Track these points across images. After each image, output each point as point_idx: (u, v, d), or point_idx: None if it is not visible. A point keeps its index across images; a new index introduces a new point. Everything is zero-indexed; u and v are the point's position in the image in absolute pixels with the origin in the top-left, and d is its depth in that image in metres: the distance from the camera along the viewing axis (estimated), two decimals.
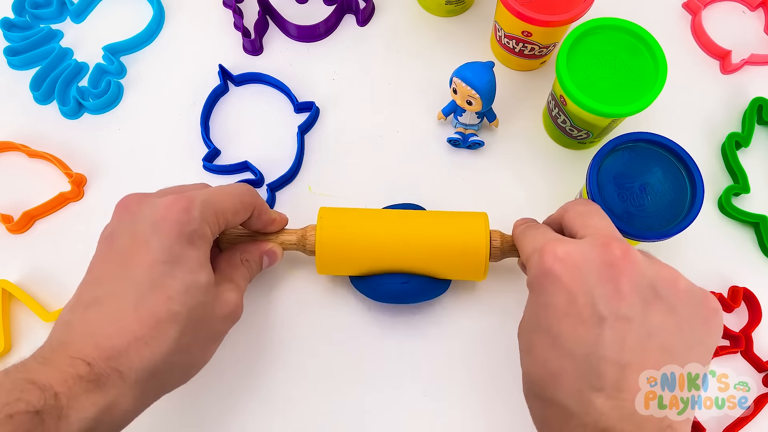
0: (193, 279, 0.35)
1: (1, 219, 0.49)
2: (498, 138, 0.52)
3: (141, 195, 0.38)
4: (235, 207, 0.39)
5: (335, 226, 0.43)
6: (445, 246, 0.42)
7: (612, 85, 0.44)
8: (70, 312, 0.34)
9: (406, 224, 0.43)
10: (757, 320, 0.46)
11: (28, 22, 0.56)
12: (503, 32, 0.50)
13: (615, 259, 0.32)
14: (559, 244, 0.33)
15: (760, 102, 0.52)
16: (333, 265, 0.44)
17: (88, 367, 0.31)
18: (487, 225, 0.43)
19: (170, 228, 0.35)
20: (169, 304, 0.34)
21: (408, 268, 0.43)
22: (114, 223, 0.37)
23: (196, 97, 0.53)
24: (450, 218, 0.44)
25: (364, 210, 0.45)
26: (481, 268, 0.42)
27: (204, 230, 0.36)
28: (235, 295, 0.39)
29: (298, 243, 0.44)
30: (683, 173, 0.42)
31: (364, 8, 0.55)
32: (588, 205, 0.38)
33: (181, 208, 0.35)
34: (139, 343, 0.32)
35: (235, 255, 0.41)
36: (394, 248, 0.42)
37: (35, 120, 0.53)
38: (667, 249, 0.48)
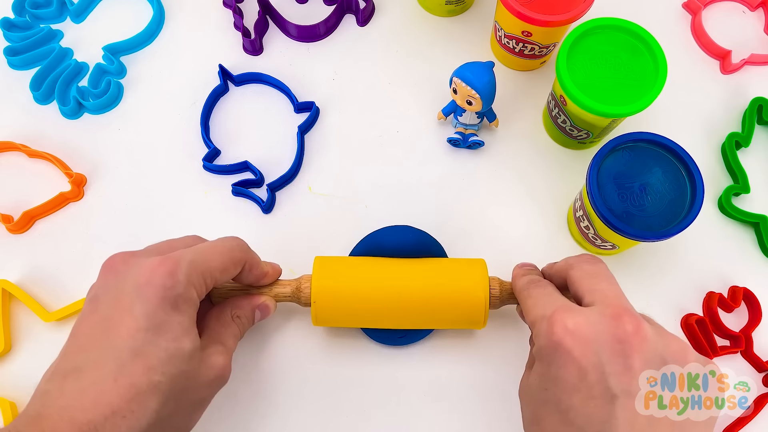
0: (177, 347, 0.33)
1: (1, 219, 0.49)
2: (498, 138, 0.52)
3: (127, 254, 0.37)
4: (224, 265, 0.37)
5: (331, 277, 0.42)
6: (444, 298, 0.41)
7: (612, 85, 0.44)
8: (49, 381, 0.33)
9: (404, 275, 0.42)
10: (757, 320, 0.46)
11: (28, 22, 0.56)
12: (503, 32, 0.50)
13: (627, 335, 0.31)
14: (568, 315, 0.33)
15: (760, 102, 0.52)
16: (329, 317, 0.42)
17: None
18: (486, 273, 0.42)
19: (154, 293, 0.33)
20: (150, 375, 0.32)
21: (406, 320, 0.43)
22: (99, 284, 0.36)
23: (196, 97, 0.53)
24: (448, 267, 0.43)
25: (361, 259, 0.44)
26: (481, 317, 0.42)
27: (190, 294, 0.35)
28: (223, 358, 0.37)
29: (292, 295, 0.42)
30: (683, 173, 0.42)
31: (364, 8, 0.55)
32: (595, 264, 0.37)
33: (165, 272, 0.34)
34: (117, 417, 0.31)
35: (225, 311, 0.40)
36: (391, 301, 0.42)
37: (35, 120, 0.53)
38: (667, 249, 0.48)
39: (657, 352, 0.31)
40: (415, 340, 0.46)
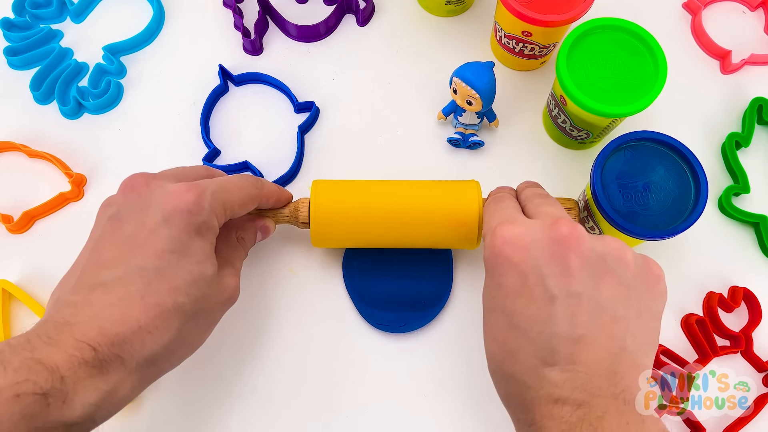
0: (200, 271, 0.35)
1: (1, 219, 0.49)
2: (498, 138, 0.52)
3: (149, 176, 0.38)
4: (242, 200, 0.40)
5: (328, 197, 0.43)
6: (438, 215, 0.43)
7: (612, 85, 0.44)
8: (74, 292, 0.34)
9: (400, 194, 0.44)
10: (757, 320, 0.46)
11: (28, 22, 0.56)
12: (503, 32, 0.50)
13: (562, 237, 0.32)
14: (509, 225, 0.34)
15: (760, 102, 0.52)
16: (326, 236, 0.44)
17: (93, 352, 0.31)
18: (480, 193, 0.43)
19: (180, 218, 0.35)
20: (175, 296, 0.34)
21: (401, 237, 0.44)
22: (119, 203, 0.37)
23: (196, 97, 0.53)
24: (443, 187, 0.44)
25: (357, 181, 0.45)
26: (474, 235, 0.43)
27: (212, 221, 0.37)
28: (234, 280, 0.39)
29: (290, 215, 0.44)
30: (686, 170, 0.42)
31: (364, 8, 0.55)
32: (546, 197, 0.39)
33: (192, 199, 0.36)
34: (143, 332, 0.33)
35: (231, 234, 0.41)
36: (387, 218, 0.43)
37: (35, 120, 0.53)
38: (667, 249, 0.48)
39: (595, 252, 0.32)
40: (416, 327, 0.46)
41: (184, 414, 0.45)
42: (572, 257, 0.32)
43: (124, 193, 0.37)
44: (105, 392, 0.31)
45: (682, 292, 0.48)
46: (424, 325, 0.46)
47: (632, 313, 0.32)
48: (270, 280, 0.48)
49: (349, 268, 0.48)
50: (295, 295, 0.48)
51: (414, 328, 0.46)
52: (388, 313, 0.46)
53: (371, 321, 0.46)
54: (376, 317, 0.46)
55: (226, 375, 0.46)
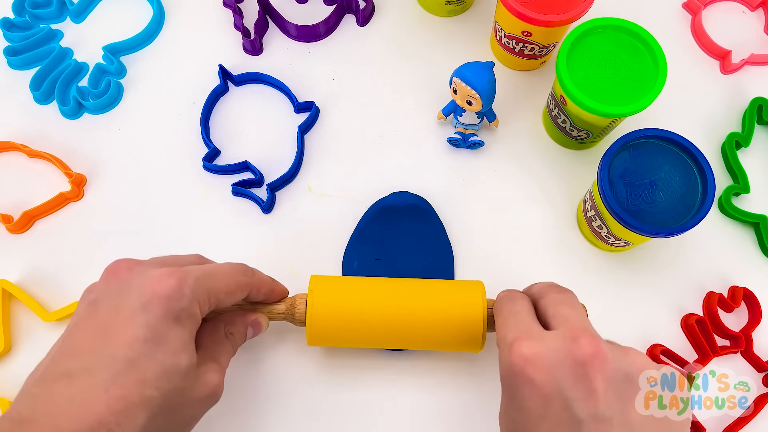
0: (174, 362, 0.33)
1: (1, 219, 0.49)
2: (498, 138, 0.52)
3: (132, 262, 0.36)
4: (229, 288, 0.37)
5: (327, 296, 0.41)
6: (441, 319, 0.41)
7: (612, 85, 0.44)
8: (38, 384, 0.32)
9: (401, 296, 0.42)
10: (757, 320, 0.46)
11: (28, 22, 0.56)
12: (503, 32, 0.50)
13: (586, 357, 0.31)
14: (528, 342, 0.32)
15: (760, 102, 0.52)
16: (324, 336, 0.42)
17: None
18: (484, 296, 0.41)
19: (158, 304, 0.33)
20: (143, 388, 0.31)
21: (402, 341, 0.42)
22: (99, 289, 0.35)
23: (196, 97, 0.53)
24: (446, 289, 0.42)
25: (357, 279, 0.44)
26: (478, 340, 0.41)
27: (193, 309, 0.34)
28: (217, 376, 0.36)
29: (286, 312, 0.41)
30: (692, 167, 0.42)
31: (364, 8, 0.55)
32: (563, 293, 0.37)
33: (172, 284, 0.33)
34: (103, 429, 0.30)
35: (218, 328, 0.39)
36: (388, 321, 0.41)
37: (35, 120, 0.53)
38: (667, 249, 0.49)
39: (620, 370, 0.31)
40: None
41: None
42: (598, 379, 0.30)
43: (106, 280, 0.35)
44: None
45: (682, 292, 0.48)
46: None
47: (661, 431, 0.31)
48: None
49: (349, 269, 0.48)
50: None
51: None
52: None
53: None
54: None
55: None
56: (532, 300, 0.38)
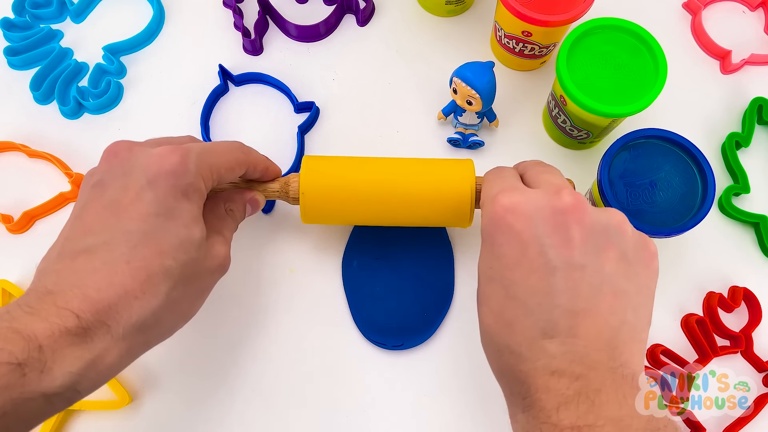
0: (187, 234, 0.34)
1: (1, 219, 0.49)
2: (498, 138, 0.52)
3: (131, 142, 0.37)
4: (228, 163, 0.38)
5: (319, 171, 0.43)
6: (431, 191, 0.42)
7: (612, 85, 0.44)
8: (58, 260, 0.33)
9: (392, 171, 0.43)
10: (757, 320, 0.46)
11: (28, 22, 0.56)
12: (503, 32, 0.50)
13: (565, 206, 0.32)
14: (511, 193, 0.33)
15: (760, 102, 0.52)
16: (317, 212, 0.43)
17: (76, 319, 0.30)
18: (473, 171, 0.43)
19: (165, 180, 0.34)
20: (162, 259, 0.33)
21: (393, 215, 0.43)
22: (103, 170, 0.36)
23: (196, 97, 0.53)
24: (436, 165, 0.43)
25: (349, 158, 0.45)
26: (467, 212, 0.42)
27: (199, 184, 0.36)
28: (224, 248, 0.38)
29: (280, 191, 0.43)
30: (692, 167, 0.42)
31: (364, 8, 0.55)
32: (549, 166, 0.38)
33: (176, 160, 0.34)
34: (129, 297, 0.31)
35: (219, 205, 0.40)
36: (378, 194, 0.42)
37: (35, 120, 0.53)
38: (667, 249, 0.48)
39: (599, 223, 0.32)
40: (413, 345, 0.46)
41: (183, 414, 0.45)
42: (575, 228, 0.31)
43: (107, 160, 0.36)
44: (88, 361, 0.30)
45: (682, 292, 0.48)
46: (424, 341, 0.46)
47: (632, 288, 0.32)
48: (269, 280, 0.48)
49: (349, 269, 0.48)
50: (294, 295, 0.48)
51: (414, 345, 0.46)
52: (388, 337, 0.46)
53: (371, 340, 0.46)
54: (376, 338, 0.46)
55: (226, 374, 0.45)
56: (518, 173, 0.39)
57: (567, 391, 0.29)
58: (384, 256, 0.47)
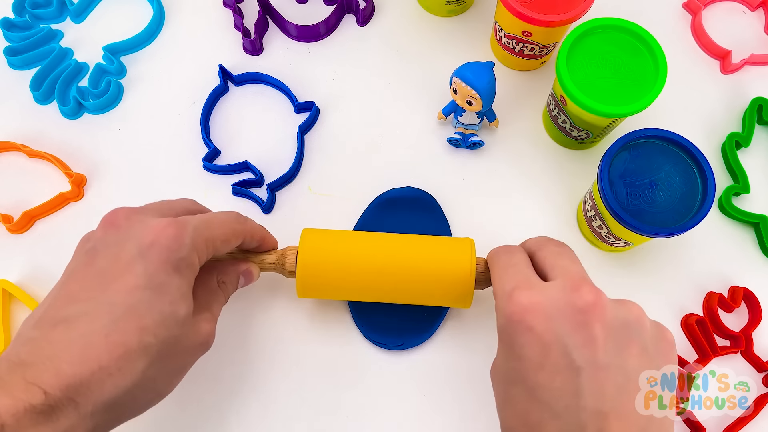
0: (172, 310, 0.33)
1: (1, 219, 0.49)
2: (498, 138, 0.52)
3: (130, 210, 0.36)
4: (225, 235, 0.38)
5: (317, 247, 0.42)
6: (430, 273, 0.41)
7: (612, 85, 0.44)
8: (36, 328, 0.32)
9: (391, 249, 0.42)
10: (757, 320, 0.46)
11: (28, 22, 0.56)
12: (503, 32, 0.50)
13: (587, 306, 0.31)
14: (528, 292, 0.32)
15: (760, 102, 0.52)
16: (313, 287, 0.42)
17: (44, 396, 0.29)
18: (473, 252, 0.42)
19: (158, 253, 0.33)
20: (142, 335, 0.32)
21: (391, 293, 0.42)
22: (98, 237, 0.35)
23: (196, 97, 0.53)
24: (436, 244, 0.42)
25: (348, 232, 0.44)
26: (466, 296, 0.41)
27: (192, 259, 0.35)
28: (210, 325, 0.37)
29: (277, 263, 0.42)
30: (692, 167, 0.42)
31: (364, 8, 0.55)
32: (560, 246, 0.37)
33: (172, 234, 0.34)
34: (103, 373, 0.30)
35: (212, 277, 0.39)
36: (377, 273, 0.41)
37: (35, 120, 0.53)
38: (667, 249, 0.49)
39: (618, 318, 0.31)
40: (413, 345, 0.46)
41: (183, 414, 0.45)
42: (597, 327, 0.31)
43: (105, 229, 0.35)
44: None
45: (682, 292, 0.48)
46: (424, 340, 0.46)
47: None
48: (269, 280, 0.48)
49: None
50: (294, 295, 0.47)
51: (414, 345, 0.46)
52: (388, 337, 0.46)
53: (371, 340, 0.46)
54: (376, 338, 0.46)
55: (226, 374, 0.45)
56: (528, 253, 0.37)
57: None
58: None
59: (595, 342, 0.30)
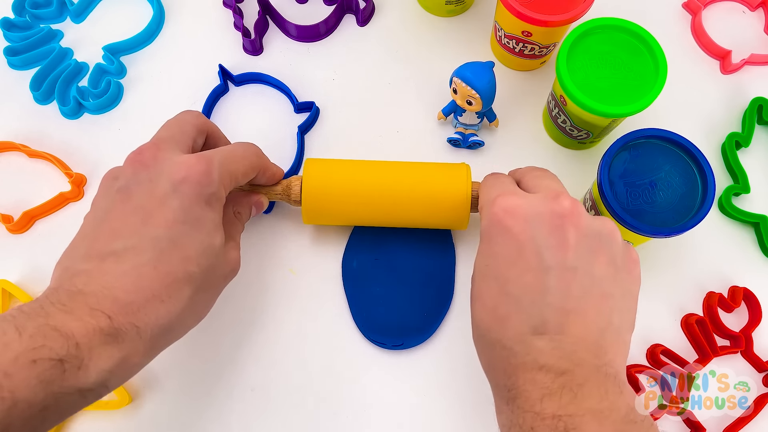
0: (210, 241, 0.36)
1: (1, 219, 0.49)
2: (498, 138, 0.52)
3: (154, 148, 0.38)
4: (245, 169, 0.40)
5: (320, 174, 0.44)
6: (429, 194, 0.44)
7: (612, 85, 0.44)
8: (85, 260, 0.34)
9: (391, 174, 0.44)
10: (757, 320, 0.46)
11: (28, 22, 0.56)
12: (503, 32, 0.50)
13: (563, 211, 0.33)
14: (510, 197, 0.35)
15: (760, 102, 0.52)
16: (318, 213, 0.45)
17: (109, 320, 0.31)
18: (469, 175, 0.44)
19: (191, 189, 0.36)
20: (186, 265, 0.35)
21: (391, 216, 0.44)
22: (128, 175, 0.37)
23: (196, 97, 0.53)
24: (434, 168, 0.45)
25: (349, 161, 0.46)
26: (463, 215, 0.44)
27: (220, 192, 0.37)
28: (237, 252, 0.40)
29: (282, 193, 0.45)
30: (692, 167, 0.42)
31: (364, 8, 0.55)
32: (543, 171, 0.40)
33: (201, 170, 0.36)
34: (156, 300, 0.33)
35: (228, 209, 0.42)
36: (378, 196, 0.44)
37: (35, 120, 0.53)
38: (667, 249, 0.49)
39: (592, 229, 0.34)
40: (413, 344, 0.46)
41: (183, 413, 0.45)
42: (571, 232, 0.33)
43: (132, 166, 0.37)
44: (119, 359, 0.32)
45: (682, 292, 0.48)
46: (424, 340, 0.46)
47: (618, 292, 0.33)
48: (269, 280, 0.48)
49: (349, 269, 0.48)
50: (294, 295, 0.48)
51: (414, 345, 0.46)
52: (388, 337, 0.46)
53: (371, 339, 0.46)
54: (376, 338, 0.46)
55: (226, 374, 0.46)
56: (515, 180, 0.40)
57: (552, 384, 0.30)
58: (384, 256, 0.47)
59: (566, 244, 0.33)
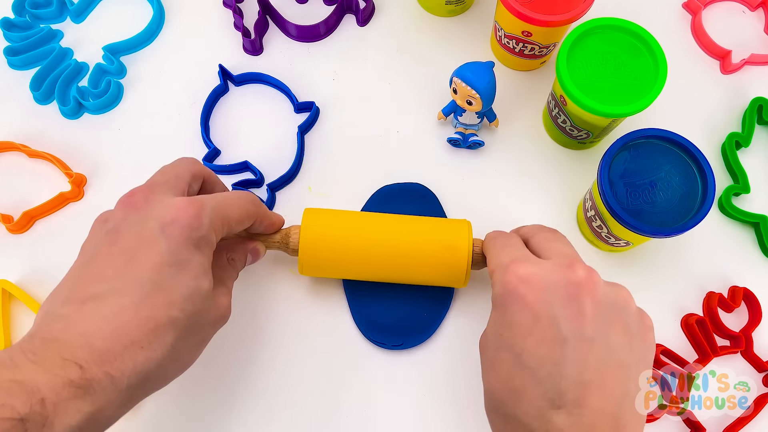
0: (196, 285, 0.35)
1: (1, 219, 0.49)
2: (498, 138, 0.52)
3: (147, 190, 0.37)
4: (239, 217, 0.39)
5: (319, 226, 0.43)
6: (427, 252, 0.42)
7: (612, 85, 0.44)
8: (65, 304, 0.33)
9: (390, 229, 0.43)
10: (757, 320, 0.46)
11: (28, 22, 0.56)
12: (503, 32, 0.50)
13: (579, 280, 0.33)
14: (524, 264, 0.34)
15: (760, 102, 0.52)
16: (315, 265, 0.44)
17: (80, 370, 0.30)
18: (470, 232, 0.43)
19: (179, 231, 0.34)
20: (170, 310, 0.33)
21: (389, 272, 0.43)
22: (118, 218, 0.36)
23: (196, 97, 0.53)
24: (434, 225, 0.44)
25: (349, 212, 0.45)
26: (462, 274, 0.42)
27: (210, 237, 0.36)
28: (227, 299, 0.39)
29: (281, 242, 0.44)
30: (693, 167, 0.42)
31: (364, 8, 0.55)
32: (553, 232, 0.39)
33: (192, 213, 0.35)
34: (135, 347, 0.32)
35: (221, 255, 0.41)
36: (376, 255, 0.43)
37: (35, 120, 0.53)
38: (667, 249, 0.49)
39: (608, 296, 0.33)
40: (413, 344, 0.46)
41: (183, 414, 0.45)
42: (587, 302, 0.32)
43: (123, 208, 0.36)
44: (89, 414, 0.30)
45: (682, 292, 0.48)
46: (424, 340, 0.46)
47: (634, 360, 0.32)
48: (269, 281, 0.48)
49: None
50: (294, 295, 0.48)
51: (414, 345, 0.46)
52: (388, 336, 0.46)
53: (371, 339, 0.46)
54: (376, 338, 0.46)
55: (226, 375, 0.46)
56: (524, 236, 0.40)
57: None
58: None
59: (583, 315, 0.32)
